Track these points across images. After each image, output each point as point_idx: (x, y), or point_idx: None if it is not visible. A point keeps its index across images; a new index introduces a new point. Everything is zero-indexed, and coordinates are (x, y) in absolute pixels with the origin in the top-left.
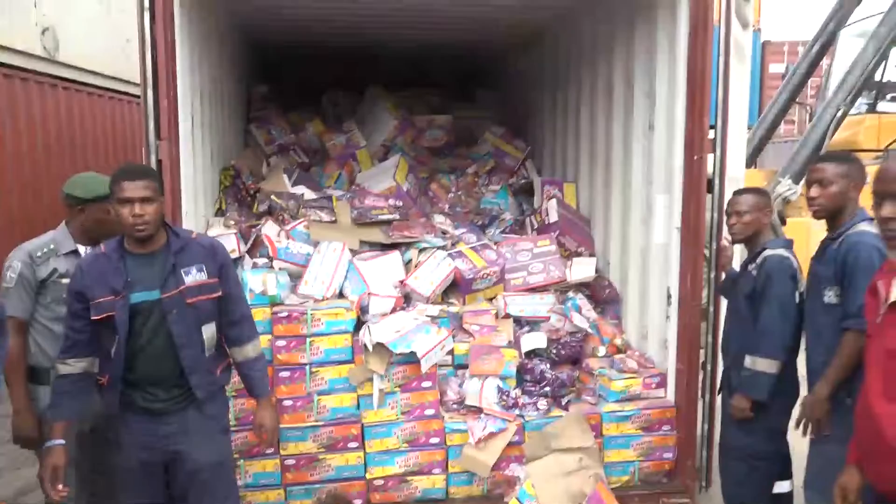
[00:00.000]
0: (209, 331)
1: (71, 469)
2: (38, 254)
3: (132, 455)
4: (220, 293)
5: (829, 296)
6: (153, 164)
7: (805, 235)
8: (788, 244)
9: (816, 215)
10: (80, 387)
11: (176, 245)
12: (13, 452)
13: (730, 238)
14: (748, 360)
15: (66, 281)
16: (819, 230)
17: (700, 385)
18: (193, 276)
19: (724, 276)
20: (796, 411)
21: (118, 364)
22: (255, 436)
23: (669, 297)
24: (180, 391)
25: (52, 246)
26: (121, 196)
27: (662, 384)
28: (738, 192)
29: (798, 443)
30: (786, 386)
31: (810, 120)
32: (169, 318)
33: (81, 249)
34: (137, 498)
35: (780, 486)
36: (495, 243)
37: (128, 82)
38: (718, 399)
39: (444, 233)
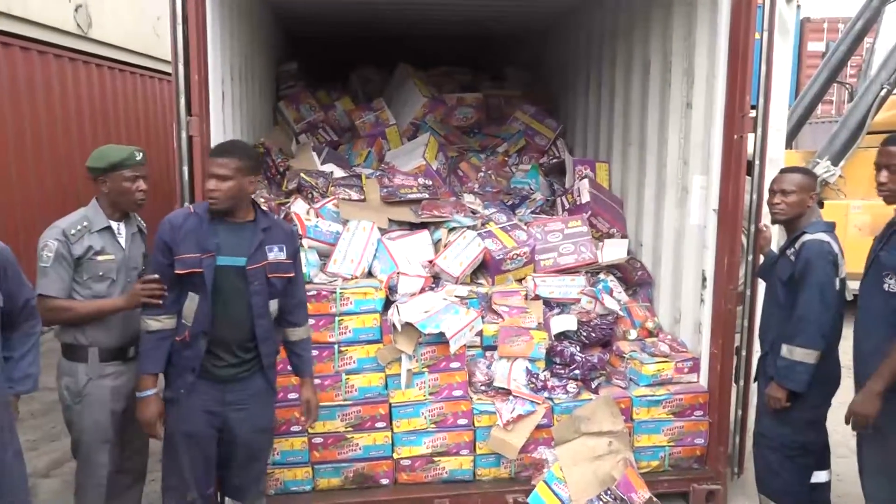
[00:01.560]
0: (274, 305)
1: (108, 446)
2: (73, 231)
3: (195, 419)
4: (292, 274)
5: (891, 284)
6: (184, 140)
7: (843, 219)
8: (829, 227)
9: (887, 200)
10: (166, 343)
11: (264, 222)
12: (47, 425)
13: (769, 221)
14: (785, 350)
15: (101, 258)
16: (856, 214)
17: (734, 370)
18: (275, 254)
19: (762, 258)
20: (837, 400)
21: (204, 320)
22: (303, 412)
23: (704, 280)
24: (247, 358)
25: (84, 223)
26: (207, 171)
27: (695, 369)
28: (784, 171)
29: (837, 431)
30: (825, 375)
31: (850, 100)
32: (251, 287)
33: (114, 226)
34: (193, 463)
35: (818, 476)
36: (525, 223)
37: (157, 59)
38: (754, 386)
39: (473, 212)
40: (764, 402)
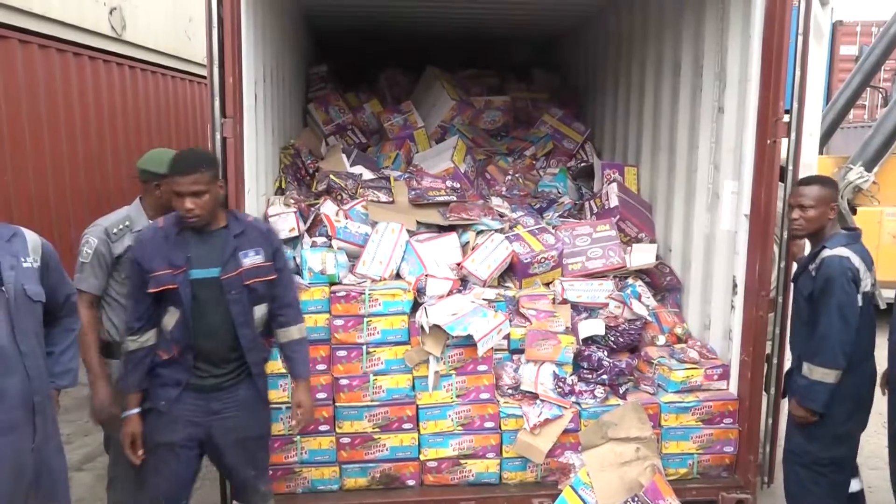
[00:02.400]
0: (260, 311)
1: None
2: (115, 230)
3: (176, 429)
4: (274, 276)
5: None
6: (217, 142)
7: (876, 226)
8: (852, 239)
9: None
10: (147, 359)
11: (236, 227)
12: (80, 420)
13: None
14: (805, 368)
15: None
16: (890, 221)
17: (765, 378)
18: (251, 259)
19: (795, 266)
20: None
21: (187, 334)
22: (293, 415)
23: (735, 286)
24: (232, 367)
25: (126, 223)
26: (175, 189)
27: (725, 376)
28: (802, 183)
29: (869, 442)
30: (852, 391)
31: (884, 104)
32: (229, 297)
33: None
34: (167, 475)
35: (850, 486)
36: (553, 227)
37: (188, 61)
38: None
39: (501, 215)
40: (791, 417)
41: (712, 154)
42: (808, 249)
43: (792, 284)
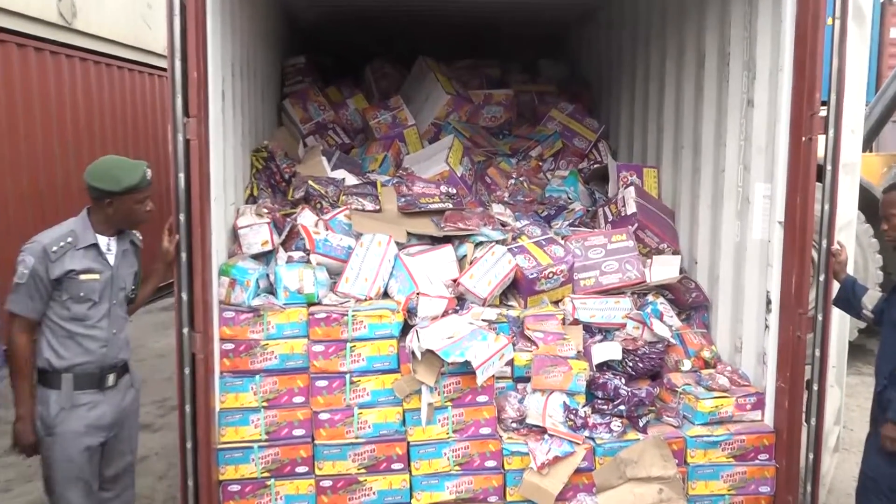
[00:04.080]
0: None
1: (81, 485)
2: (54, 248)
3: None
4: None
5: None
6: (180, 144)
7: None
8: None
9: None
10: None
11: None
12: (23, 464)
13: (844, 237)
14: None
15: (84, 278)
16: None
17: (805, 407)
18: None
19: (839, 286)
20: None
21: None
22: None
23: (769, 303)
24: None
25: (69, 239)
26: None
27: (759, 405)
28: (889, 189)
29: None
30: None
31: None
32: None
33: (103, 242)
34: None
35: None
36: (563, 238)
37: (147, 52)
38: (834, 428)
39: (503, 225)
40: (872, 441)
41: (742, 153)
42: (850, 266)
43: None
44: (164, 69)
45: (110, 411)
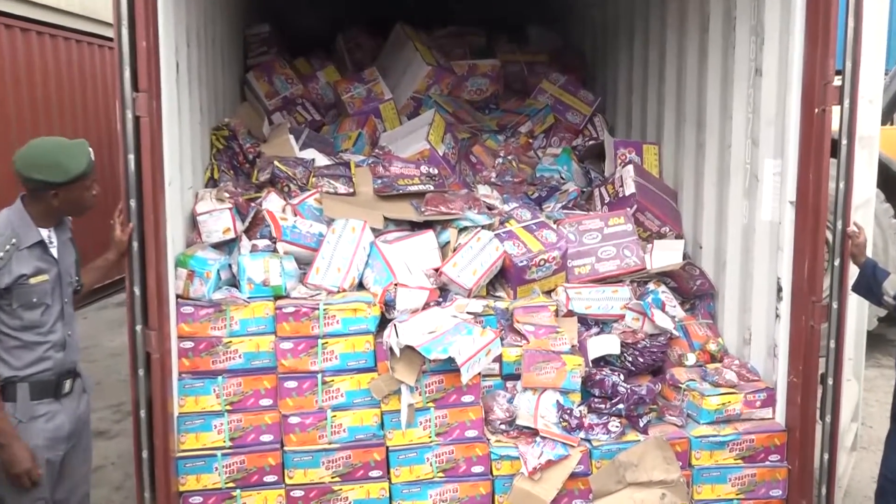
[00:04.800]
0: None
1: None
2: (0, 255)
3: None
4: None
5: None
6: (129, 122)
7: None
8: None
9: None
10: None
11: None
12: None
13: (861, 217)
14: None
15: (34, 281)
16: None
17: (819, 404)
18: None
19: (857, 271)
20: None
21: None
22: None
23: (780, 290)
24: None
25: (13, 241)
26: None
27: (769, 402)
28: None
29: None
30: None
31: None
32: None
33: (45, 236)
34: None
35: None
36: (555, 221)
37: (93, 20)
38: (851, 425)
39: (489, 208)
40: (893, 440)
41: (749, 126)
42: (869, 250)
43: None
44: (112, 39)
45: (68, 421)
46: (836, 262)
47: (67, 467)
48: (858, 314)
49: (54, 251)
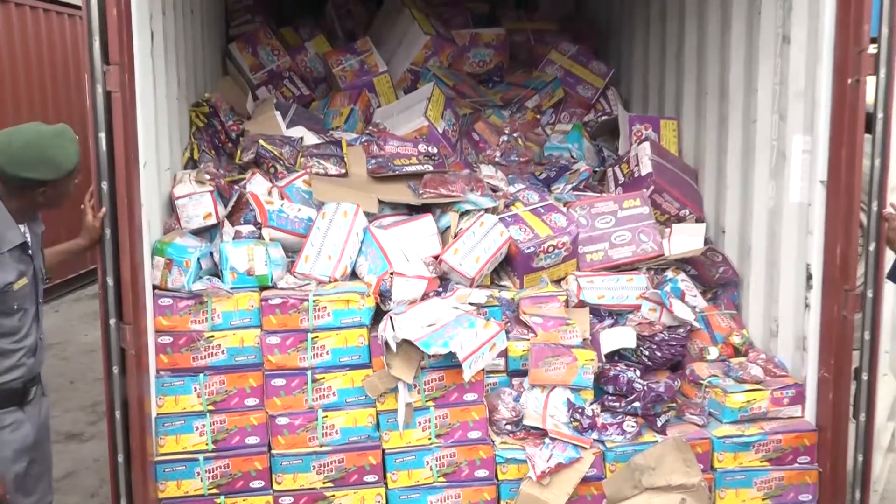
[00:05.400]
0: None
1: None
2: None
3: None
4: None
5: None
6: (99, 97)
7: None
8: None
9: None
10: None
11: None
12: None
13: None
14: None
15: (18, 286)
16: None
17: (852, 400)
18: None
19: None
20: None
21: None
22: None
23: (809, 278)
24: None
25: None
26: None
27: (798, 399)
28: None
29: None
30: None
31: None
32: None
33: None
34: None
35: None
36: (565, 204)
37: None
38: (889, 424)
39: (493, 190)
40: None
41: (776, 100)
42: None
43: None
44: (79, 7)
45: (32, 429)
46: (871, 247)
47: (31, 478)
48: (895, 303)
49: (30, 250)
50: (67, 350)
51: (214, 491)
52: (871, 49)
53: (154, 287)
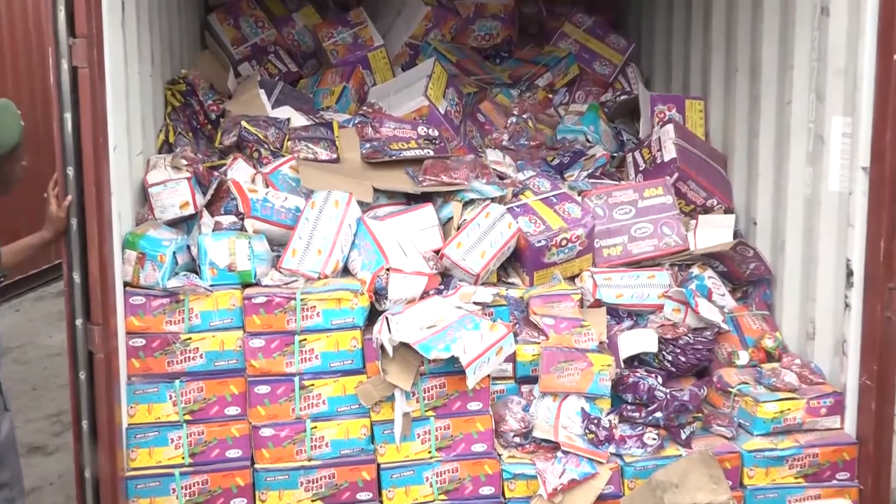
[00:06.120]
0: None
1: None
2: None
3: None
4: None
5: None
6: (65, 73)
7: None
8: None
9: None
10: None
11: None
12: None
13: None
14: None
15: None
16: None
17: None
18: None
19: None
20: None
21: None
22: None
23: (850, 275)
24: None
25: None
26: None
27: (837, 409)
28: None
29: None
30: None
31: None
32: None
33: None
34: None
35: None
36: (580, 193)
37: None
38: None
39: (500, 177)
40: None
41: (814, 78)
42: None
43: None
44: None
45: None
46: None
47: None
48: None
49: None
50: (29, 353)
51: None
52: None
53: (125, 284)
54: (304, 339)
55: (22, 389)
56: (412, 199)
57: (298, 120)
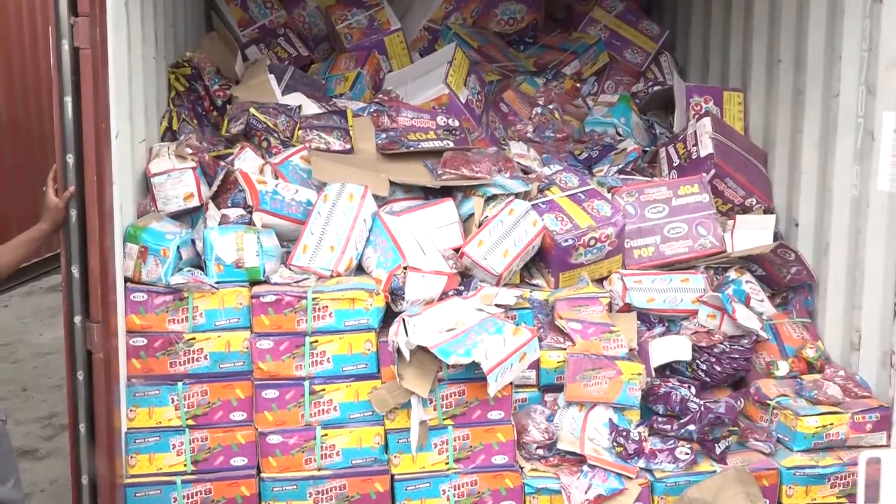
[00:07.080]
0: None
1: None
2: None
3: None
4: None
5: None
6: (65, 54)
7: None
8: None
9: None
10: None
11: None
12: None
13: None
14: None
15: None
16: None
17: None
18: None
19: None
20: None
21: None
22: None
23: None
24: None
25: None
26: None
27: (883, 424)
28: None
29: None
30: None
31: None
32: None
33: None
34: None
35: None
36: (609, 189)
37: None
38: None
39: (525, 171)
40: None
41: (864, 69)
42: None
43: None
44: None
45: None
46: None
47: None
48: None
49: None
50: (19, 352)
51: None
52: None
53: (126, 279)
54: (316, 341)
55: (11, 390)
56: (430, 194)
57: (310, 107)
